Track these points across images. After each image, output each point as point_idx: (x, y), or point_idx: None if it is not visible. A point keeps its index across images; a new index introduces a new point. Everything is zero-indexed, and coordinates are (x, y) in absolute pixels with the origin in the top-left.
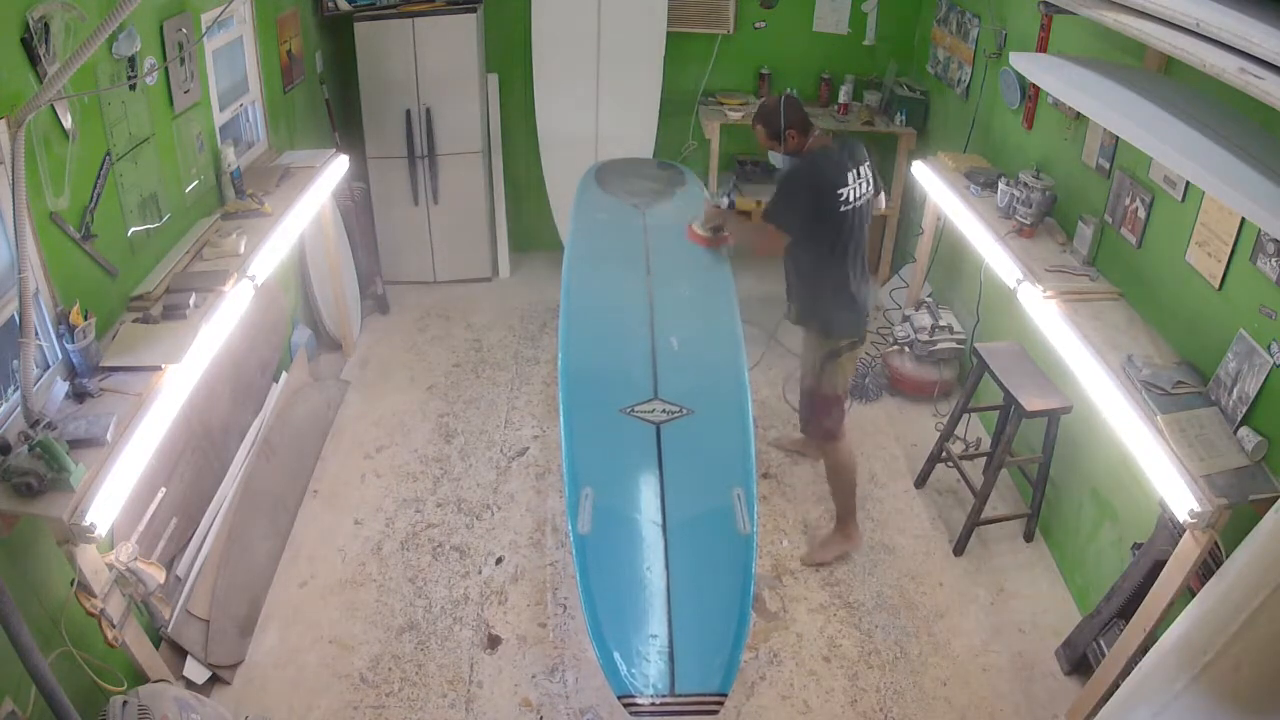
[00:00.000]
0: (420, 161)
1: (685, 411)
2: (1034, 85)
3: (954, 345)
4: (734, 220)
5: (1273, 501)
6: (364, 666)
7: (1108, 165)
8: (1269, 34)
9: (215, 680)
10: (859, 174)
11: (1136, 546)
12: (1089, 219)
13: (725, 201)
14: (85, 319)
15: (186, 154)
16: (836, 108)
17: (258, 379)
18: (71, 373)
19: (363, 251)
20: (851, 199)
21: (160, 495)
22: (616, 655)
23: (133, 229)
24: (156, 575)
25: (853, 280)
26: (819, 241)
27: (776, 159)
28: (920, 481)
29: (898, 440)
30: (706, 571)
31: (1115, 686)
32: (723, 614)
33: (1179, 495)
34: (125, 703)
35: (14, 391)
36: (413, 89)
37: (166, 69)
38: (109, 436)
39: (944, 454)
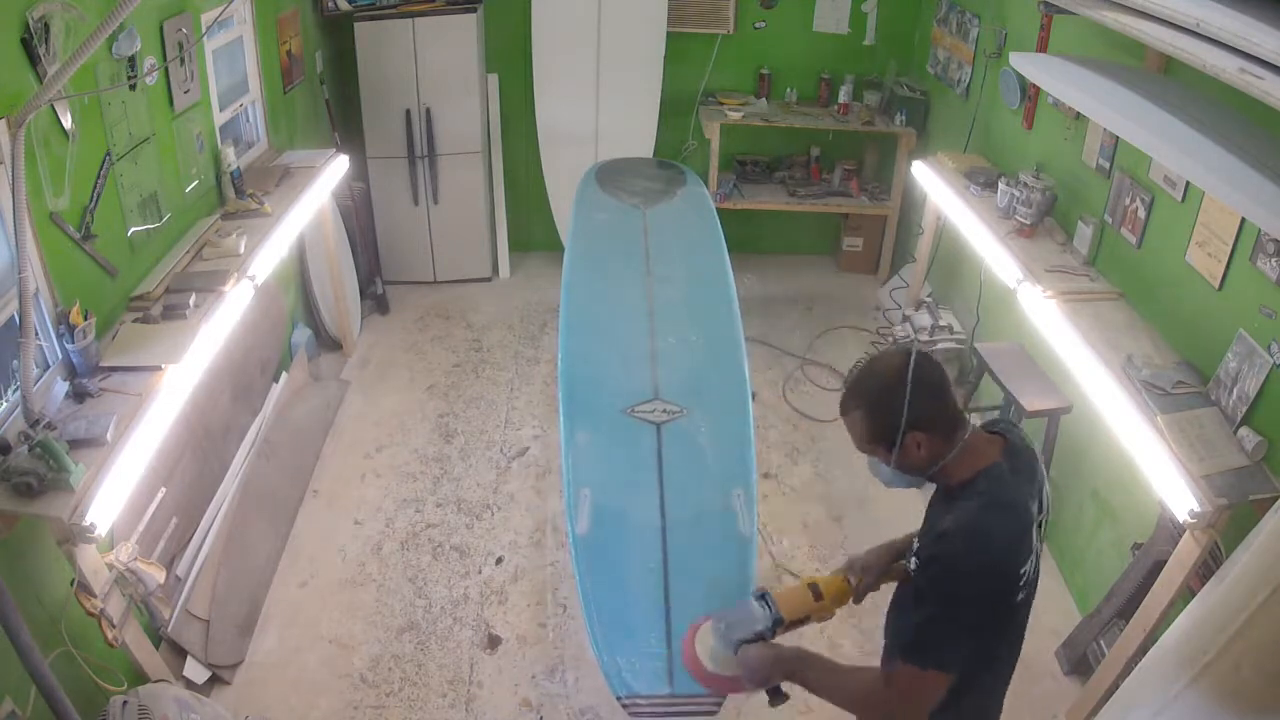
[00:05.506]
0: (420, 161)
1: (685, 411)
2: (1034, 85)
3: (954, 345)
4: (799, 661)
5: (1273, 501)
6: (364, 666)
7: (1108, 165)
8: (1269, 34)
9: (215, 680)
10: (1040, 508)
11: (1136, 546)
12: (1089, 219)
13: (765, 619)
14: (85, 319)
15: (186, 154)
16: (836, 108)
17: (258, 379)
18: (71, 373)
19: (363, 251)
20: (1033, 572)
21: (160, 495)
22: (615, 656)
23: (133, 229)
24: (156, 575)
25: (1000, 694)
26: (980, 666)
27: (884, 474)
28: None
29: None
30: (706, 572)
31: (1115, 687)
32: None
33: (1179, 495)
34: (125, 703)
35: (14, 391)
36: (413, 89)
37: (166, 69)
38: (109, 436)
39: None
